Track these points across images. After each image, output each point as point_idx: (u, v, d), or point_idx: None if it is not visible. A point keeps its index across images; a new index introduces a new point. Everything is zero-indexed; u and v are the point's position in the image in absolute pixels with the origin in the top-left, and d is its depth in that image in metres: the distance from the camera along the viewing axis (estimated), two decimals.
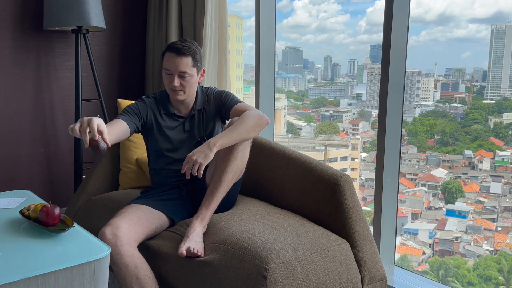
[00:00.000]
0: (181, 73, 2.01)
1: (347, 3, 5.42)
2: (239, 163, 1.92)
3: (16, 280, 1.33)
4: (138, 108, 2.11)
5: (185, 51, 2.01)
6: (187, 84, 2.04)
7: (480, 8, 4.51)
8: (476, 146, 4.28)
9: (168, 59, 2.02)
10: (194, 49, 2.04)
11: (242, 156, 1.93)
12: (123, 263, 1.76)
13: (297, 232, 1.85)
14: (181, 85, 2.03)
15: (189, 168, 1.80)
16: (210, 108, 2.16)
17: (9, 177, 3.04)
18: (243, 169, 2.00)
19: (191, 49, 2.03)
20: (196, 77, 2.07)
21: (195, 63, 2.04)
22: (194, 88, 2.10)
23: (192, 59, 2.03)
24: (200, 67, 2.09)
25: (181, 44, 2.03)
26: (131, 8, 3.40)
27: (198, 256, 1.77)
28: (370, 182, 4.59)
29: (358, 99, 5.24)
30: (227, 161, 1.90)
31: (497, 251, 4.00)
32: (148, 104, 2.14)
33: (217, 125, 2.18)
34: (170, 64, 2.01)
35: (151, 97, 2.18)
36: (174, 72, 2.01)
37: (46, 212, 1.67)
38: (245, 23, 4.88)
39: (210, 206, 1.88)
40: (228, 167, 1.89)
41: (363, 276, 1.89)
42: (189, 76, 2.03)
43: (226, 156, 1.90)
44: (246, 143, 1.94)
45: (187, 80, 2.03)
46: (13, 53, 2.99)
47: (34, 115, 3.10)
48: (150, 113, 2.14)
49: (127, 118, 2.03)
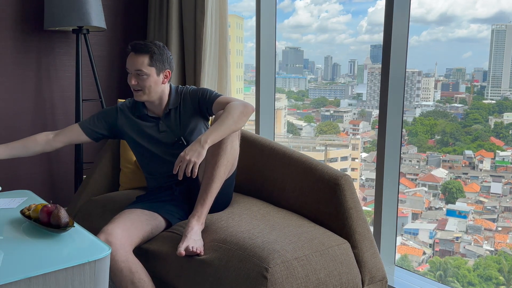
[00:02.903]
0: (137, 71, 2.03)
1: (349, 3, 5.43)
2: (229, 156, 1.90)
3: (16, 280, 1.33)
4: (105, 113, 2.22)
5: (141, 49, 2.02)
6: (144, 83, 2.05)
7: (482, 8, 4.51)
8: (476, 146, 4.28)
9: (128, 58, 2.07)
10: (153, 48, 2.03)
11: (231, 149, 1.91)
12: (118, 269, 1.76)
13: (298, 232, 1.85)
14: (138, 85, 2.05)
15: (182, 168, 1.80)
16: (187, 107, 2.14)
17: (10, 177, 3.05)
18: (235, 163, 1.99)
19: (148, 48, 2.03)
20: (156, 77, 2.06)
21: (152, 62, 2.03)
22: (155, 89, 2.08)
23: (149, 58, 2.03)
24: (161, 68, 2.07)
25: (140, 43, 2.05)
26: (131, 8, 3.40)
27: (198, 254, 1.76)
28: (371, 182, 4.60)
29: (358, 99, 5.24)
30: (217, 156, 1.88)
31: (497, 251, 4.00)
32: (119, 108, 2.22)
33: (199, 123, 2.17)
34: (128, 63, 2.06)
35: (125, 102, 2.25)
36: (131, 70, 2.05)
37: (47, 212, 1.67)
38: (246, 23, 4.89)
39: (205, 203, 1.87)
40: (219, 161, 1.88)
41: (364, 276, 1.89)
42: (145, 75, 2.03)
43: (216, 151, 1.89)
44: (234, 136, 1.92)
45: (143, 79, 2.04)
46: (14, 53, 2.99)
47: (34, 115, 3.11)
48: (121, 118, 2.20)
49: (85, 124, 2.20)
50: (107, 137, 2.28)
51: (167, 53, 2.10)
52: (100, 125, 2.22)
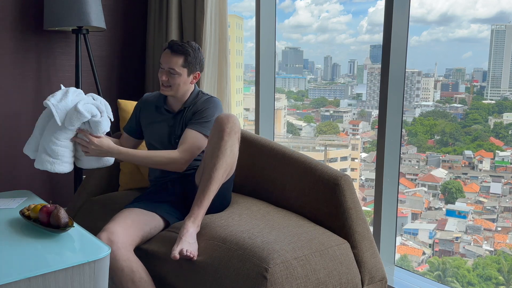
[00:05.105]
0: (170, 69, 2.11)
1: (349, 3, 5.43)
2: (228, 159, 1.90)
3: (16, 280, 1.33)
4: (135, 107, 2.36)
5: (178, 50, 2.10)
6: (174, 82, 2.12)
7: (482, 8, 4.51)
8: (476, 146, 4.28)
9: (163, 54, 2.14)
10: (189, 51, 2.11)
11: (231, 153, 1.91)
12: (119, 267, 1.77)
13: (297, 232, 1.85)
14: (168, 81, 2.13)
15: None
16: (191, 111, 2.18)
17: (9, 177, 3.04)
18: (233, 166, 2.00)
19: (185, 49, 2.10)
20: (186, 77, 2.14)
21: (186, 63, 2.11)
22: (183, 88, 2.16)
23: (183, 59, 2.10)
24: (193, 70, 2.15)
25: (178, 43, 2.12)
26: (131, 8, 3.40)
27: (191, 258, 1.76)
28: (370, 182, 4.60)
29: (358, 99, 5.24)
30: (216, 158, 1.89)
31: (497, 251, 4.01)
32: (143, 99, 2.34)
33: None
34: (163, 59, 2.14)
35: (150, 93, 2.38)
36: (165, 67, 2.12)
37: (47, 213, 1.67)
38: (246, 23, 4.89)
39: (202, 205, 1.86)
40: (218, 164, 1.88)
41: (363, 276, 1.89)
42: (177, 74, 2.11)
43: (215, 153, 1.89)
44: (235, 140, 1.93)
45: (174, 78, 2.12)
46: (14, 53, 2.99)
47: (34, 115, 3.10)
48: (143, 107, 2.31)
49: (126, 126, 2.38)
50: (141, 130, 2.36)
51: (201, 55, 2.18)
52: (133, 120, 2.35)
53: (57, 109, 1.98)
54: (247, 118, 4.70)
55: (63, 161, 2.04)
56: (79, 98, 2.06)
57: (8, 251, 1.52)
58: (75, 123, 1.99)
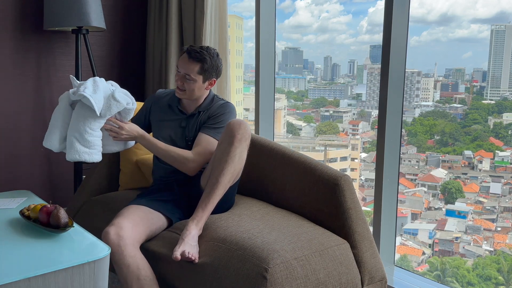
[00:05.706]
0: (186, 74, 2.10)
1: (349, 3, 5.42)
2: (236, 165, 1.92)
3: (16, 280, 1.33)
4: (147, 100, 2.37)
5: (196, 56, 2.09)
6: (188, 87, 2.12)
7: (482, 8, 4.51)
8: (475, 146, 4.28)
9: (181, 58, 2.14)
10: (206, 58, 2.10)
11: (239, 159, 1.92)
12: (125, 264, 1.77)
13: (297, 232, 1.85)
14: (183, 85, 2.13)
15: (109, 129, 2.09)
16: (206, 115, 2.19)
17: (9, 177, 3.04)
18: (240, 172, 2.00)
19: (203, 56, 2.09)
20: (202, 84, 2.13)
21: (202, 70, 2.10)
22: (197, 93, 2.15)
23: (200, 66, 2.09)
24: (209, 77, 2.14)
25: (196, 50, 2.10)
26: (131, 8, 3.40)
27: (192, 261, 1.76)
28: (370, 182, 4.59)
29: (358, 100, 5.24)
30: (224, 163, 1.89)
31: (496, 251, 4.01)
32: (157, 95, 2.34)
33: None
34: (180, 63, 2.13)
35: (165, 90, 2.37)
36: (181, 71, 2.12)
37: (46, 213, 1.67)
38: (246, 23, 4.88)
39: (206, 208, 1.87)
40: (225, 169, 1.89)
41: (363, 276, 1.89)
42: (192, 80, 2.10)
43: (223, 158, 1.90)
44: (244, 146, 1.94)
45: (189, 83, 2.11)
46: (13, 53, 2.99)
47: (34, 115, 3.11)
48: (155, 102, 2.31)
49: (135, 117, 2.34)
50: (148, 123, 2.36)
51: (219, 62, 2.17)
52: (142, 112, 2.35)
53: (96, 100, 1.99)
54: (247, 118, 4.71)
55: (98, 150, 2.08)
56: (107, 87, 2.11)
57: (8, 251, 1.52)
58: (113, 112, 2.05)
